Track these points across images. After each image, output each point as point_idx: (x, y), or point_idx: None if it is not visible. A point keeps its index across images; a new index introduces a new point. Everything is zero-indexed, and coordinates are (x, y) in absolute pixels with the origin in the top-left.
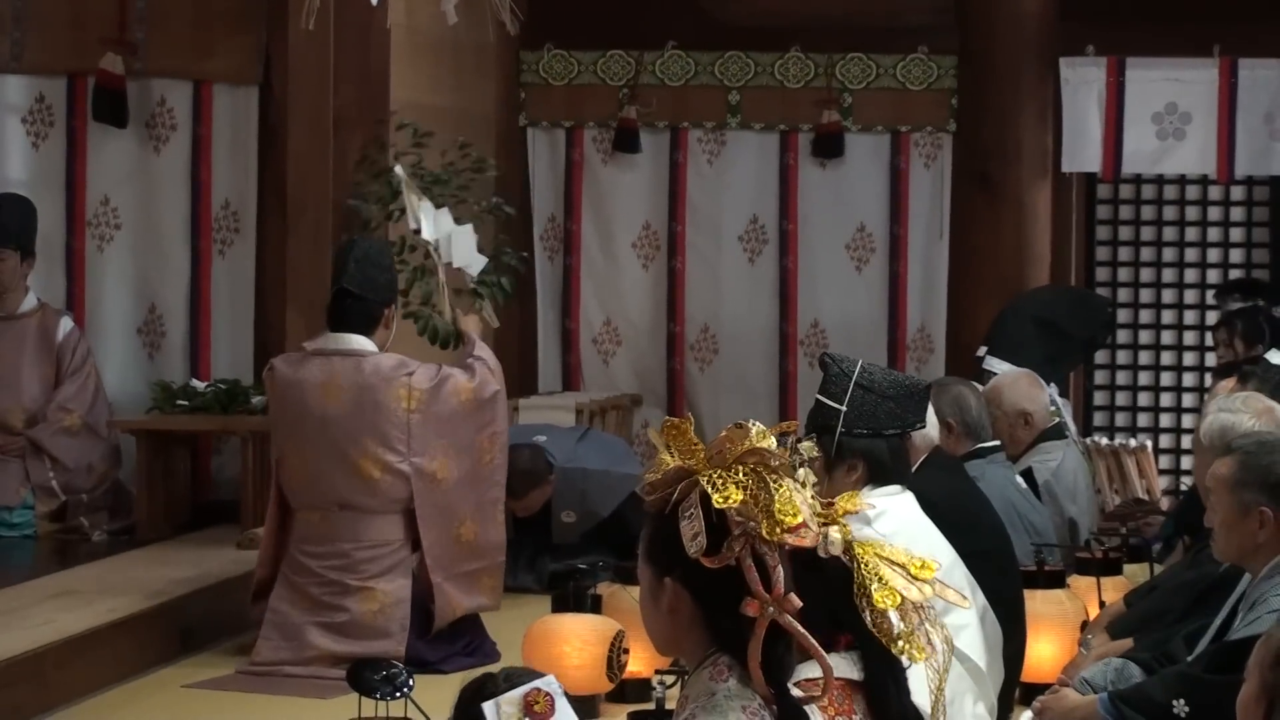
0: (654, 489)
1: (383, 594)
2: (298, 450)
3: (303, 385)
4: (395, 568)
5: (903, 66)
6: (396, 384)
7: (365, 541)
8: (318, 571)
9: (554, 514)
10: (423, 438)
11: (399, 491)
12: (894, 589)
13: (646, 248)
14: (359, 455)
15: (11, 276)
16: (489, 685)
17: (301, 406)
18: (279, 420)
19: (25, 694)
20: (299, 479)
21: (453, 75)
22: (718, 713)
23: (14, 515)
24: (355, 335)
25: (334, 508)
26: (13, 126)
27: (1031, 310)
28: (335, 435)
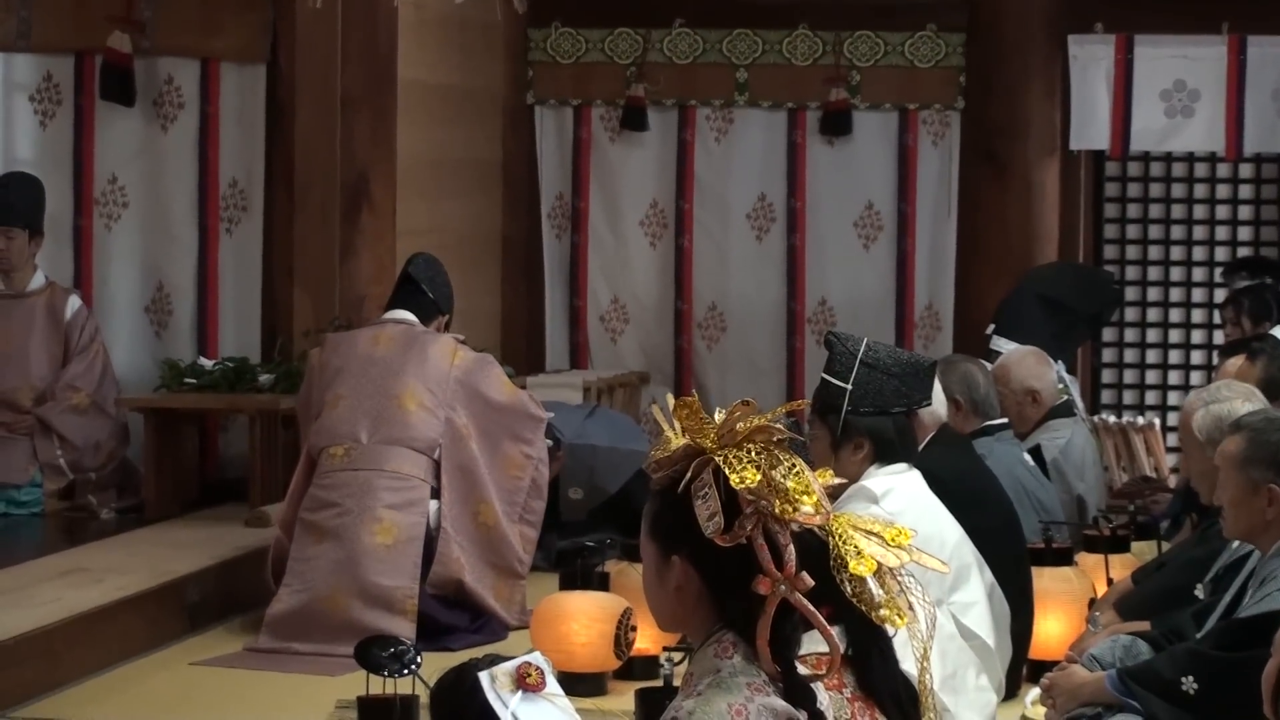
0: (661, 466)
1: (396, 527)
2: (335, 391)
3: (354, 337)
4: (413, 504)
5: (911, 44)
6: (445, 343)
7: (388, 470)
8: (336, 501)
9: (561, 491)
10: (459, 396)
11: (430, 430)
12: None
13: (654, 226)
14: (399, 389)
15: (19, 255)
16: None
17: (350, 350)
18: (323, 376)
19: (34, 671)
20: (332, 417)
21: (460, 53)
22: (723, 689)
23: (22, 493)
24: (411, 314)
25: (362, 440)
26: (20, 105)
27: (1036, 288)
28: (378, 372)
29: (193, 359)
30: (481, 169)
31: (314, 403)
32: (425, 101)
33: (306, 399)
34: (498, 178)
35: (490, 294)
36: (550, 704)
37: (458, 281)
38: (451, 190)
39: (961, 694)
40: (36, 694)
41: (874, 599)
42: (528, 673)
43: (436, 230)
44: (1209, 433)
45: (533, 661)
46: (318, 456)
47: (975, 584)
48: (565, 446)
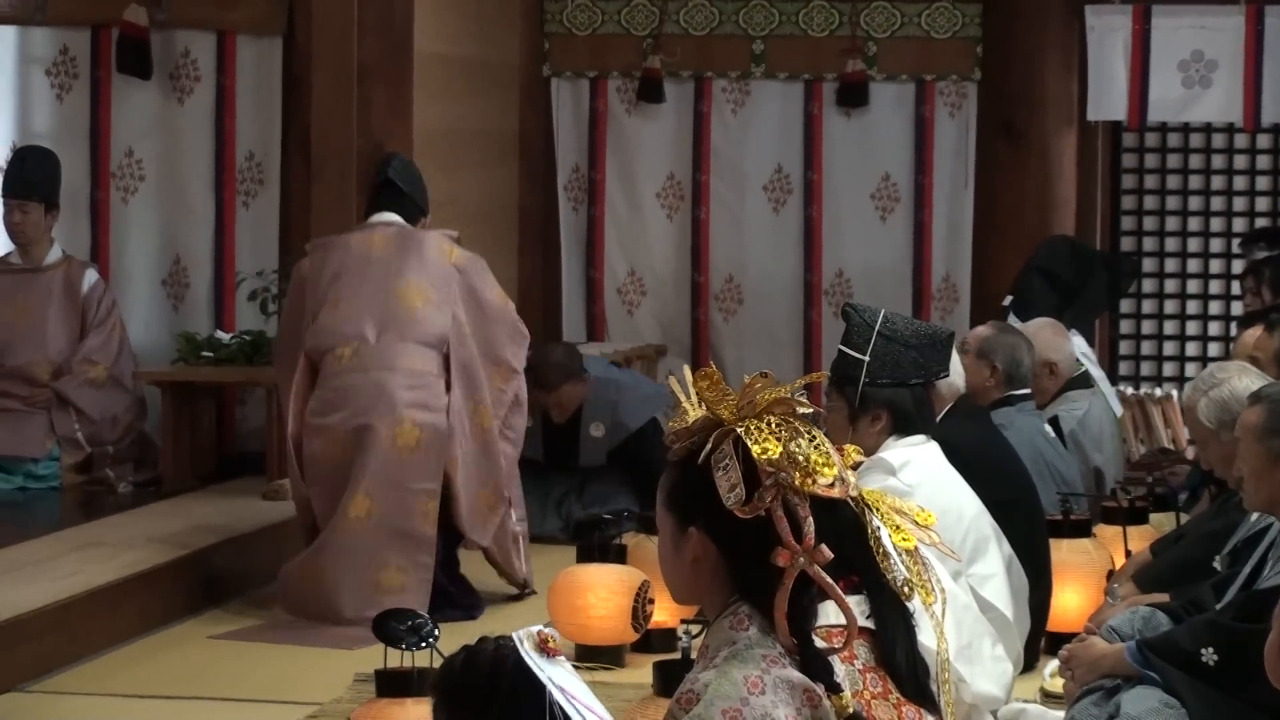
0: (679, 438)
1: (419, 428)
2: (334, 294)
3: (345, 240)
4: (431, 402)
5: (928, 15)
6: (440, 239)
7: (400, 369)
8: (347, 404)
9: (583, 427)
10: (459, 292)
11: (439, 325)
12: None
13: (671, 198)
14: (402, 286)
15: (36, 229)
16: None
17: (344, 254)
18: (317, 283)
19: (52, 645)
20: (334, 317)
21: (477, 25)
22: (738, 661)
23: (40, 467)
24: (397, 216)
25: (370, 339)
26: (37, 78)
27: (1035, 262)
28: (377, 271)
29: (210, 332)
30: (498, 141)
31: (306, 312)
32: (442, 74)
33: (296, 311)
34: (514, 150)
35: (507, 266)
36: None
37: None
38: (468, 162)
39: (977, 664)
40: (54, 668)
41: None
42: (547, 639)
43: (453, 202)
44: (1218, 418)
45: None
46: (320, 360)
47: (993, 556)
48: (591, 379)
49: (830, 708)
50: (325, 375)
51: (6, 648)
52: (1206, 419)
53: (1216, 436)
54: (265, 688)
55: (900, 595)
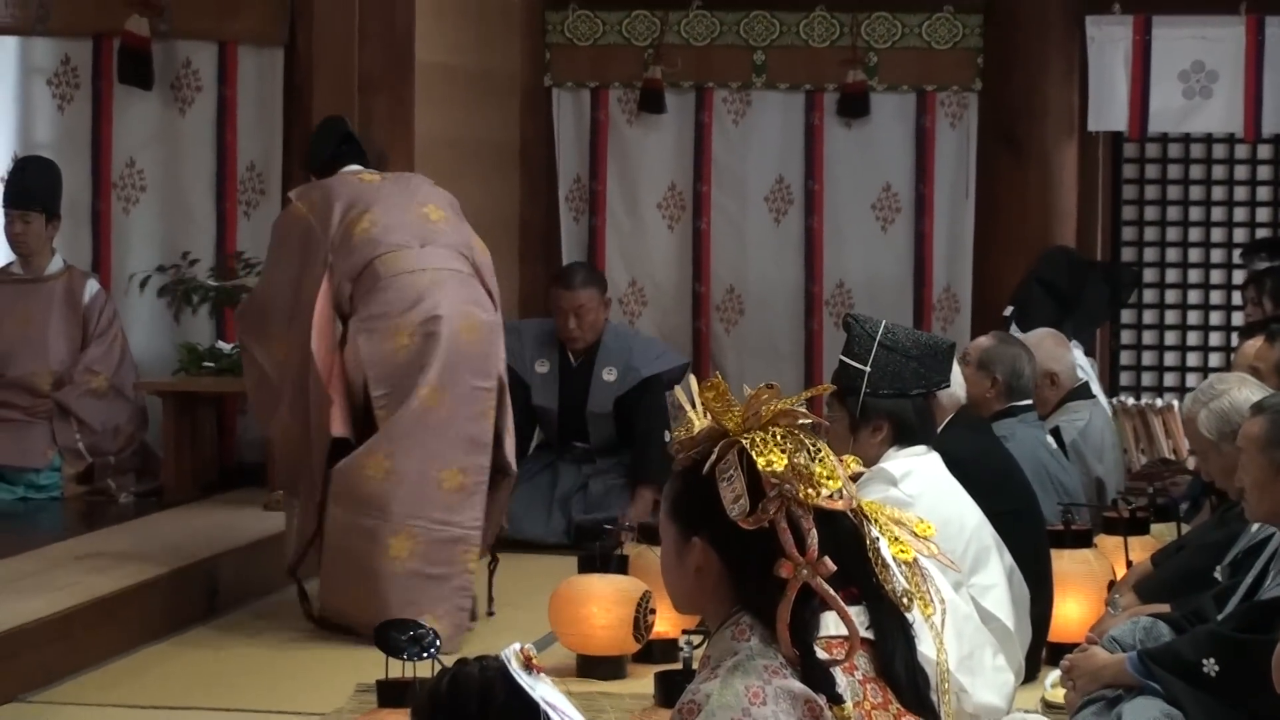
0: (684, 448)
1: (478, 324)
2: (361, 217)
3: (341, 179)
4: (483, 301)
5: (928, 25)
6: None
7: (450, 269)
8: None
9: (595, 372)
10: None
11: (464, 236)
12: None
13: (672, 208)
14: (423, 206)
15: (37, 239)
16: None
17: (351, 190)
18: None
19: (53, 655)
20: (371, 232)
21: (478, 36)
22: (740, 671)
23: (41, 477)
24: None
25: (414, 245)
26: (39, 89)
27: (1035, 272)
28: (395, 197)
29: (211, 342)
30: (499, 151)
31: (311, 255)
32: (443, 84)
33: (296, 256)
34: (515, 160)
35: (508, 277)
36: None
37: None
38: (469, 172)
39: (979, 674)
40: (56, 678)
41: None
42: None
43: None
44: (1218, 429)
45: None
46: (365, 270)
47: (995, 566)
48: (609, 327)
49: (832, 718)
50: (379, 278)
51: (8, 658)
52: (1207, 430)
53: (1217, 448)
54: (267, 698)
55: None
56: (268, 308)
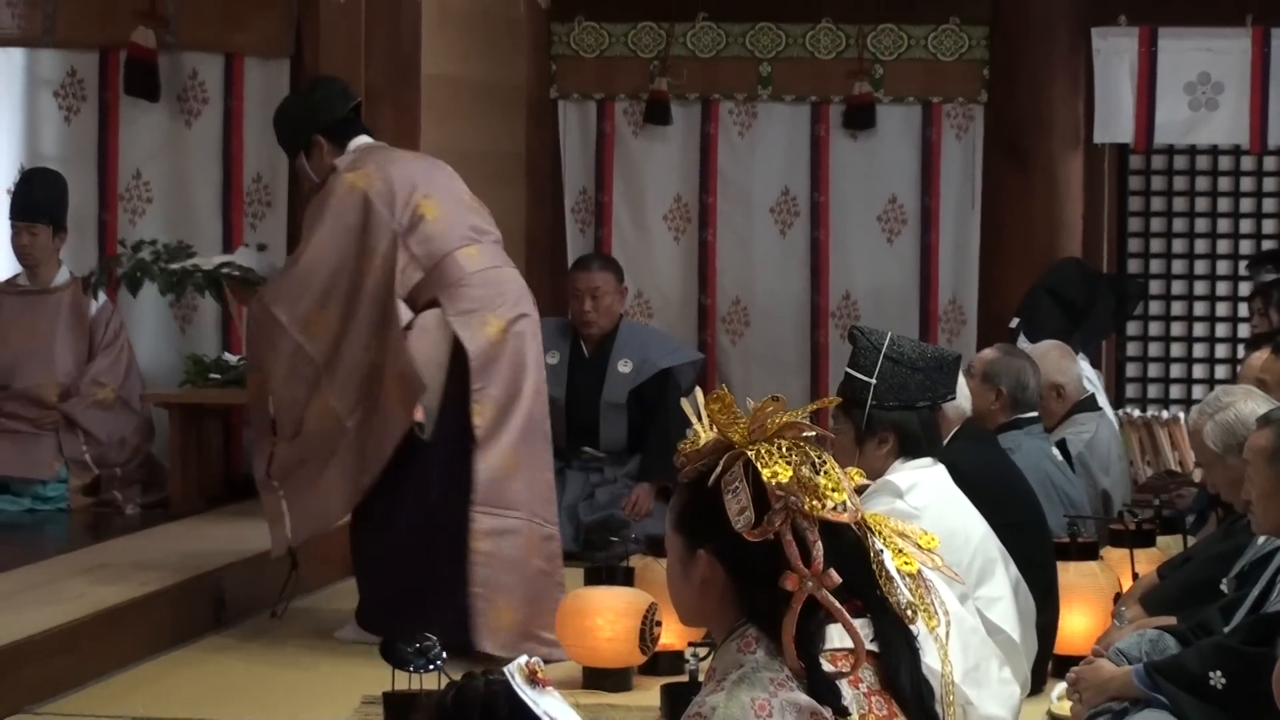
0: (689, 460)
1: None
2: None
3: (386, 152)
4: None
5: (934, 37)
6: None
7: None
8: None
9: (611, 364)
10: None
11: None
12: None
13: (678, 220)
14: (460, 187)
15: (44, 251)
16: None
17: (403, 163)
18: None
19: (60, 666)
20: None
21: (484, 47)
22: (746, 684)
23: (48, 489)
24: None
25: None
26: (45, 100)
27: (1045, 283)
28: (438, 175)
29: (217, 354)
30: (505, 163)
31: (386, 223)
32: (448, 96)
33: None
34: (521, 172)
35: None
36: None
37: None
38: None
39: (985, 686)
40: (62, 690)
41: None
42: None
43: None
44: (1224, 442)
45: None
46: (442, 260)
47: (1000, 579)
48: (624, 324)
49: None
50: (464, 273)
51: (14, 670)
52: (1213, 443)
53: (1223, 460)
54: (273, 710)
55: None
56: (309, 283)
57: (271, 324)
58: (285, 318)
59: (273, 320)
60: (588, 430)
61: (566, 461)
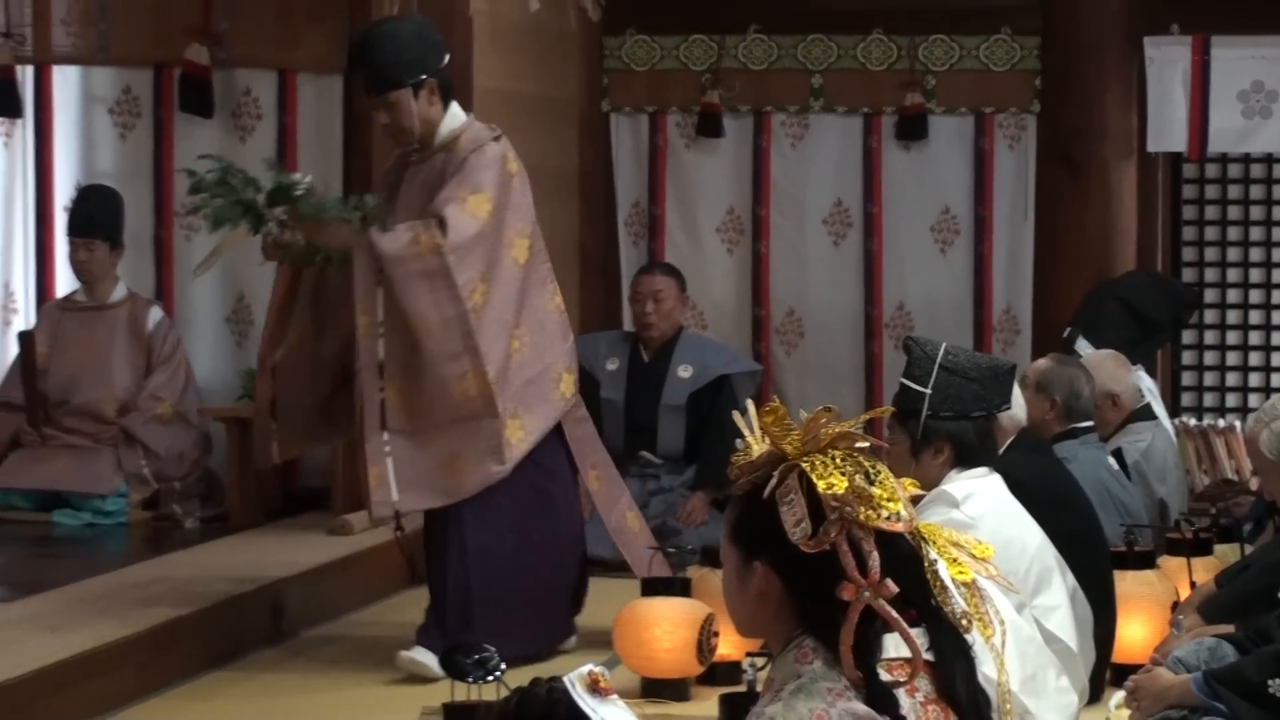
0: (743, 472)
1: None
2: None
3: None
4: None
5: (986, 48)
6: None
7: None
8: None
9: (671, 369)
10: None
11: None
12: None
13: (731, 232)
14: None
15: (100, 267)
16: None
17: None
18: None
19: (121, 680)
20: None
21: (535, 62)
22: (804, 694)
23: (108, 503)
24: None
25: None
26: (100, 118)
27: (1117, 293)
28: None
29: None
30: (558, 177)
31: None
32: (501, 110)
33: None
34: (575, 185)
35: (568, 301)
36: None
37: None
38: None
39: (1043, 696)
40: (124, 702)
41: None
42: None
43: None
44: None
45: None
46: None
47: (1057, 588)
48: (685, 333)
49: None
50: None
51: (74, 683)
52: (1269, 450)
53: (1278, 469)
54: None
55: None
56: (481, 248)
57: (443, 277)
58: (460, 279)
59: (446, 274)
60: (646, 434)
61: (624, 469)
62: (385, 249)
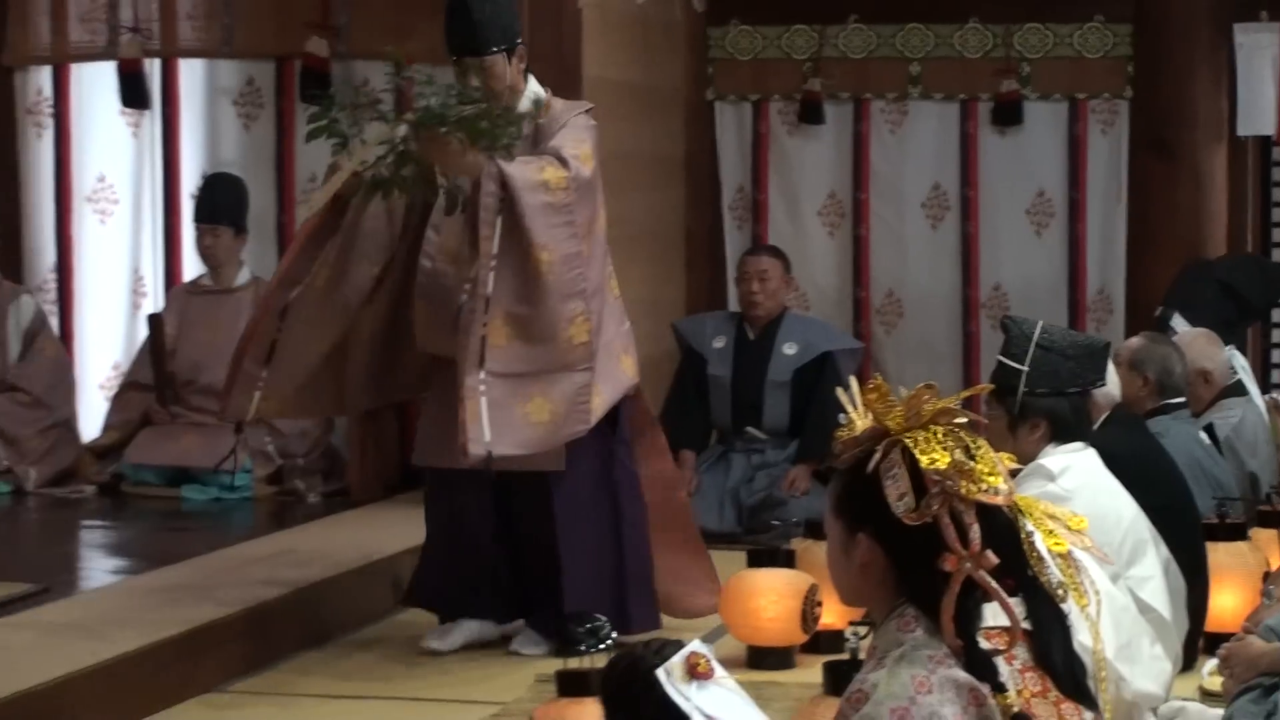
0: (847, 447)
1: None
2: None
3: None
4: None
5: (1079, 35)
6: None
7: None
8: None
9: (777, 345)
10: None
11: None
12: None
13: (832, 215)
14: None
15: (226, 252)
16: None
17: None
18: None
19: (249, 647)
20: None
21: (642, 52)
22: (906, 662)
23: (234, 479)
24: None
25: None
26: (225, 109)
27: (1216, 274)
28: None
29: None
30: (664, 163)
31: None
32: (609, 99)
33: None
34: (680, 171)
35: (674, 284)
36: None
37: (643, 271)
38: (636, 184)
39: (1137, 663)
40: (252, 669)
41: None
42: (697, 662)
43: (621, 222)
44: None
45: (698, 650)
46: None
47: (1151, 559)
48: (789, 314)
49: (995, 706)
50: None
51: (205, 650)
52: None
53: None
54: (450, 689)
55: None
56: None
57: (567, 213)
58: (578, 218)
59: (569, 210)
60: (752, 410)
61: (730, 445)
62: (517, 177)
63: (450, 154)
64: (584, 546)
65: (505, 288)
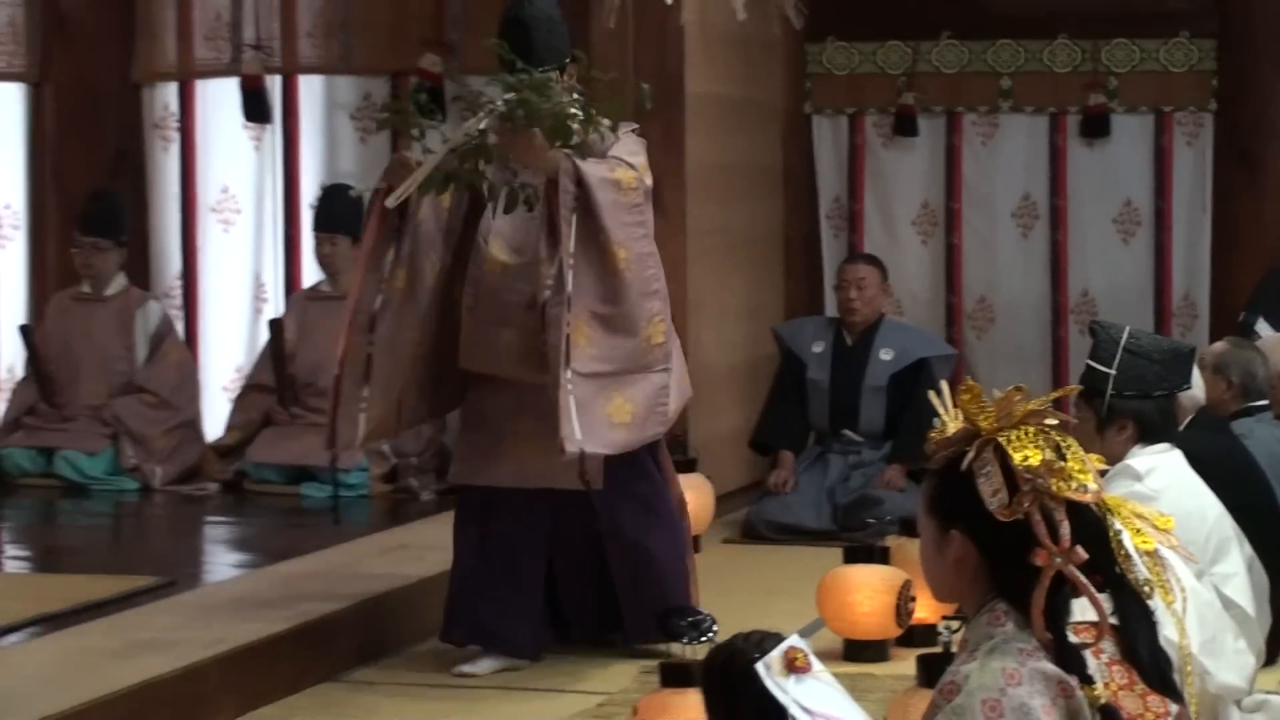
0: (940, 448)
1: None
2: None
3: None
4: None
5: (1165, 50)
6: None
7: None
8: None
9: (874, 351)
10: None
11: None
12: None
13: (925, 225)
14: None
15: (343, 260)
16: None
17: None
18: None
19: (366, 638)
20: None
21: (743, 68)
22: (997, 654)
23: (350, 477)
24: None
25: None
26: (343, 123)
27: None
28: None
29: None
30: (764, 174)
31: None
32: (712, 113)
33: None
34: (779, 182)
35: (774, 290)
36: (818, 681)
37: (744, 278)
38: (737, 194)
39: (1221, 657)
40: (369, 659)
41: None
42: (795, 656)
43: (722, 231)
44: None
45: (796, 645)
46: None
47: (1235, 556)
48: (885, 320)
49: (1083, 699)
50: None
51: (326, 640)
52: None
53: None
54: (558, 679)
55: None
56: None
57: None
58: (647, 218)
59: (640, 210)
60: (849, 413)
61: (827, 446)
62: (593, 175)
63: (533, 148)
64: (668, 541)
65: (585, 286)
